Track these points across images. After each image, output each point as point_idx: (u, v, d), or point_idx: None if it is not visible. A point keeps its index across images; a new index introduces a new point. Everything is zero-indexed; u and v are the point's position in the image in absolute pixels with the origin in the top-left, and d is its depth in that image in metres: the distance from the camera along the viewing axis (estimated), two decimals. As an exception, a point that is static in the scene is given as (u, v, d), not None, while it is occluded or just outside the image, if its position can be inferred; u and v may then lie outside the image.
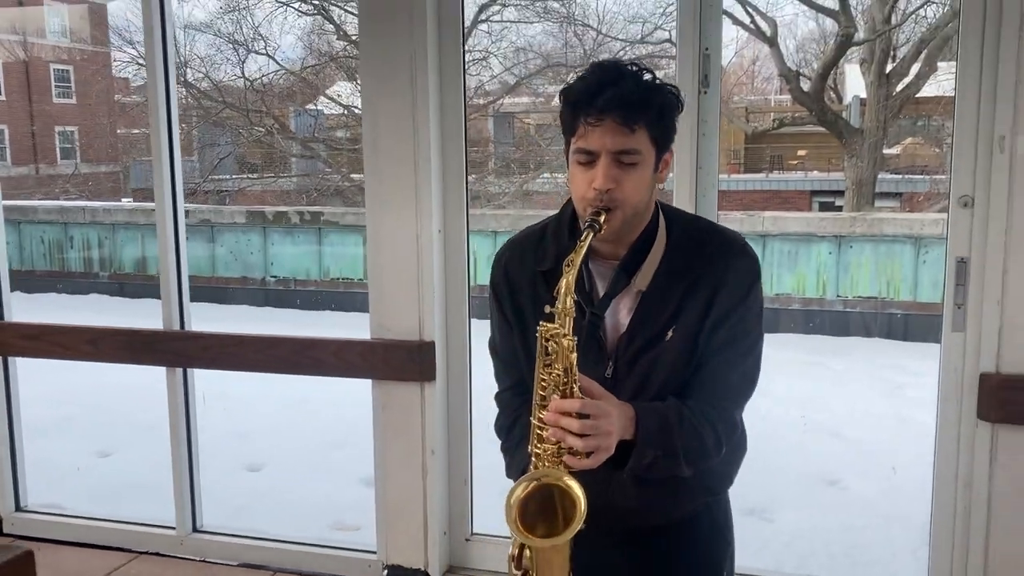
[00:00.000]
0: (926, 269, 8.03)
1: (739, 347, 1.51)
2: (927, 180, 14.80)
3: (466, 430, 3.25)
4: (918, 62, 16.69)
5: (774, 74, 21.29)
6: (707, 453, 1.49)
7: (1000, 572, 2.71)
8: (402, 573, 3.24)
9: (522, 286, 1.59)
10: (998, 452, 2.65)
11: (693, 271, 1.50)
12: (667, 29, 16.67)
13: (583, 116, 1.41)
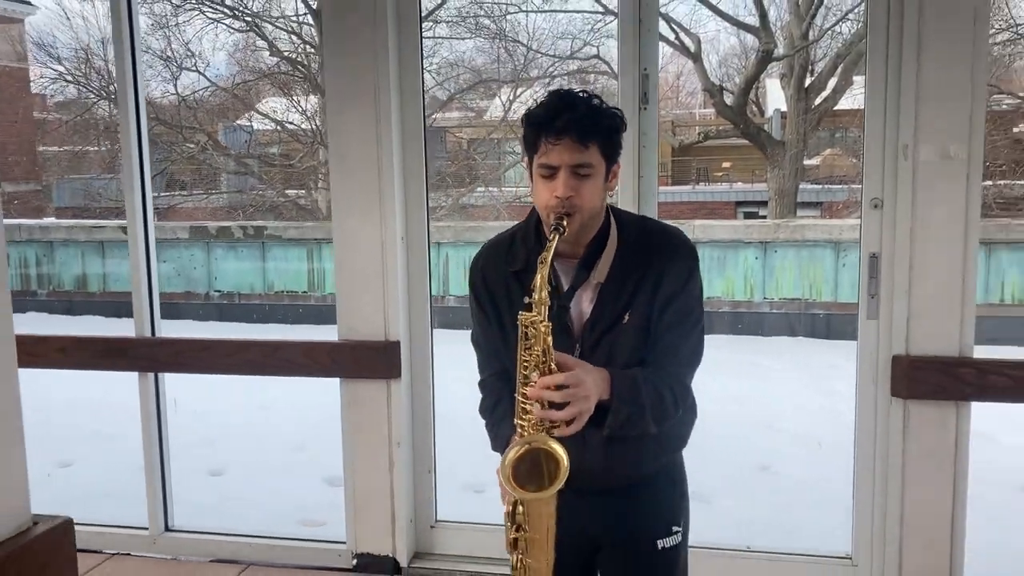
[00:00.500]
0: (846, 271, 8.51)
1: (685, 325, 1.78)
2: (846, 189, 15.42)
3: (429, 423, 3.47)
4: (835, 76, 17.37)
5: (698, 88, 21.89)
6: (667, 411, 1.75)
7: (914, 533, 3.03)
8: (371, 560, 3.43)
9: (497, 286, 1.83)
10: (909, 425, 2.98)
11: (642, 264, 1.76)
12: (595, 45, 17.10)
13: (544, 136, 1.67)
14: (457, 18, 16.32)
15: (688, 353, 1.80)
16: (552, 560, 1.71)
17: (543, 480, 1.63)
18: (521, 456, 1.62)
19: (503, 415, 1.84)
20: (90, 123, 15.34)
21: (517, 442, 1.64)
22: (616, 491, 1.82)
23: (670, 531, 1.87)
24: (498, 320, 1.83)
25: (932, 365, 2.91)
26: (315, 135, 15.19)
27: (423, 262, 3.38)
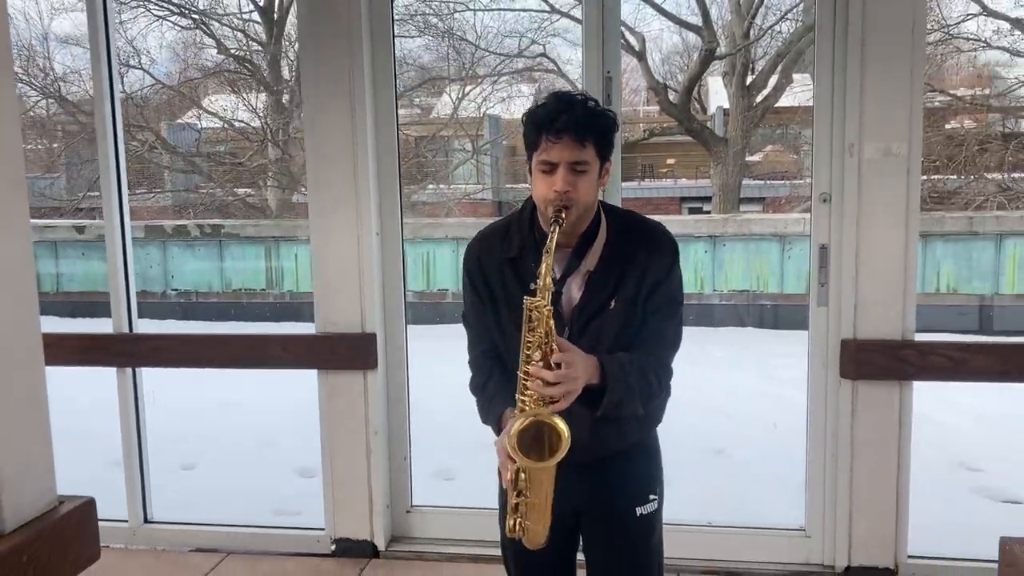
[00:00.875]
0: (791, 264, 8.81)
1: (668, 310, 1.95)
2: (788, 184, 15.81)
3: (405, 412, 3.60)
4: (775, 74, 17.80)
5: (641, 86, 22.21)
6: (652, 393, 1.92)
7: (863, 505, 3.25)
8: (350, 545, 3.56)
9: (492, 271, 1.98)
10: (857, 404, 3.20)
11: (629, 255, 1.92)
12: (541, 44, 17.26)
13: (545, 135, 1.82)
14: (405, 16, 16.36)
15: (671, 337, 1.97)
16: (548, 523, 1.87)
17: (543, 451, 1.78)
18: (526, 427, 1.76)
19: (494, 392, 1.99)
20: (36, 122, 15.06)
21: (522, 415, 1.78)
22: (599, 464, 1.98)
23: (647, 499, 2.04)
24: (491, 302, 1.98)
25: (878, 348, 3.14)
26: (264, 133, 15.13)
27: (397, 256, 3.51)
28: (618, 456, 2.01)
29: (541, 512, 1.85)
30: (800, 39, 16.56)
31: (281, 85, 15.74)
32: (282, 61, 15.76)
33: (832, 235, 3.19)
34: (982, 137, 12.49)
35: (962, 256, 8.74)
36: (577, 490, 1.98)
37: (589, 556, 2.09)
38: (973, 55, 13.80)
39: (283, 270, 9.89)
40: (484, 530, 3.56)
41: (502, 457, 1.86)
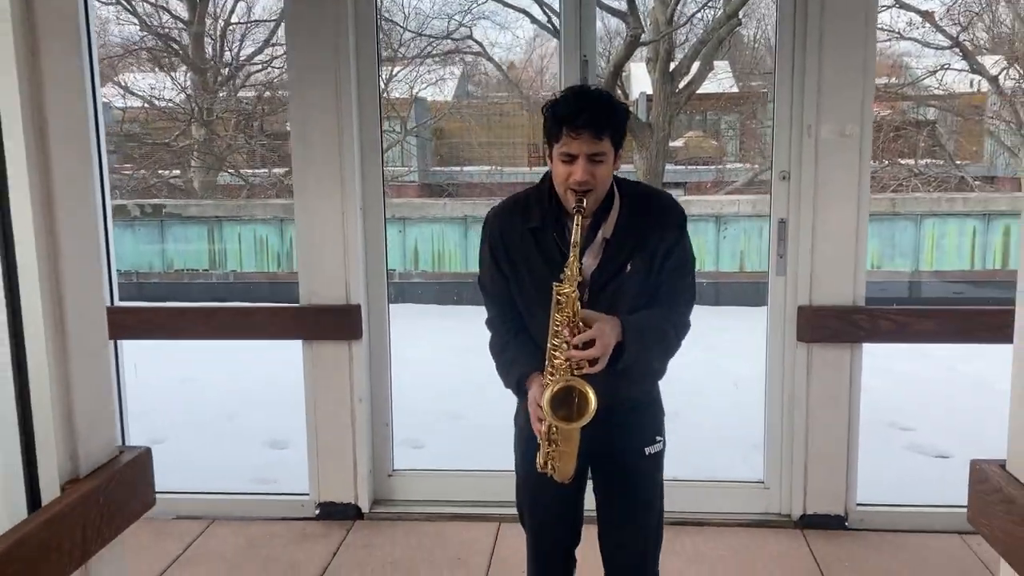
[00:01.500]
0: (726, 244, 9.18)
1: (683, 270, 2.16)
2: (712, 170, 16.26)
3: (387, 380, 3.75)
4: (697, 61, 18.26)
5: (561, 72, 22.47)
6: (670, 347, 2.14)
7: (816, 459, 3.54)
8: (334, 509, 3.70)
9: (515, 241, 2.15)
10: (812, 365, 3.48)
11: (641, 222, 2.12)
12: (468, 26, 17.35)
13: (566, 129, 1.99)
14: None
15: (688, 294, 2.18)
16: (575, 466, 2.08)
17: (572, 409, 1.98)
18: (557, 392, 1.96)
19: (514, 357, 2.18)
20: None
21: (555, 380, 1.98)
22: (612, 412, 2.17)
23: (654, 440, 2.26)
24: (511, 267, 2.16)
25: (831, 313, 3.42)
26: (190, 113, 14.86)
27: (380, 231, 3.64)
28: (629, 403, 2.21)
29: (570, 456, 2.07)
30: (721, 26, 17.02)
31: (205, 64, 15.49)
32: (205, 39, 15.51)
33: (791, 210, 3.45)
34: (896, 124, 13.11)
35: (886, 235, 9.26)
36: (593, 436, 2.17)
37: (600, 494, 2.30)
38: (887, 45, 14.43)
39: (227, 251, 9.81)
40: (461, 491, 3.76)
41: (534, 413, 2.05)
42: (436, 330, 7.55)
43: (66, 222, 1.61)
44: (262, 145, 15.74)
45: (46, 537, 1.60)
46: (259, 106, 15.59)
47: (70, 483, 1.73)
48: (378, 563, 3.33)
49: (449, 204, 10.39)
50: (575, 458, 2.07)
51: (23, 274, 1.59)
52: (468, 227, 9.59)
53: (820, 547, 3.40)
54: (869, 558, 3.32)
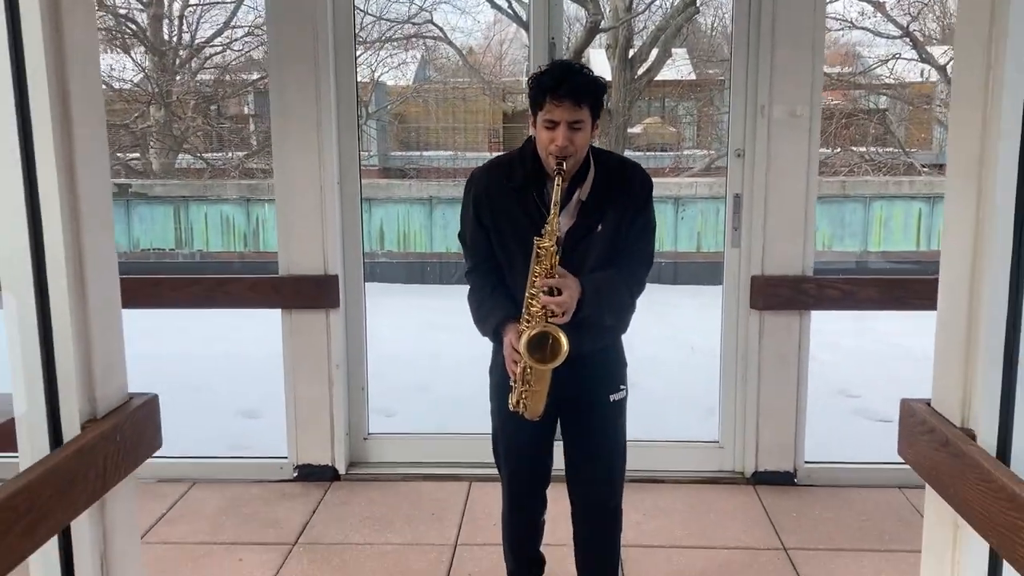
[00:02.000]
0: (684, 224, 9.45)
1: (646, 233, 2.37)
2: (670, 156, 16.53)
3: (363, 346, 3.92)
4: (656, 48, 18.51)
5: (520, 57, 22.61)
6: (625, 304, 2.35)
7: (767, 419, 3.78)
8: (312, 470, 3.86)
9: (498, 198, 2.34)
10: (764, 331, 3.72)
11: (613, 187, 2.32)
12: (429, 11, 17.41)
13: (549, 97, 2.18)
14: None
15: (646, 256, 2.40)
16: (545, 402, 2.29)
17: (546, 353, 2.19)
18: (534, 336, 2.18)
19: (490, 309, 2.37)
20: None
21: (533, 326, 2.19)
22: (580, 361, 2.37)
23: (618, 388, 2.47)
24: (493, 222, 2.35)
25: (782, 282, 3.65)
26: (148, 95, 14.77)
27: (356, 204, 3.80)
28: (594, 354, 2.41)
29: (541, 396, 2.28)
30: (679, 14, 17.28)
31: (164, 45, 15.40)
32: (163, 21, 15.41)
33: (744, 185, 3.68)
34: (848, 112, 13.48)
35: (836, 217, 9.60)
36: (561, 383, 2.37)
37: (567, 436, 2.52)
38: (840, 35, 14.81)
39: (193, 230, 9.84)
40: (433, 453, 3.96)
41: (510, 355, 2.25)
42: (402, 307, 7.71)
43: (85, 184, 1.76)
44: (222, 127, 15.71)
45: (72, 468, 1.76)
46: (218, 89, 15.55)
47: (89, 423, 1.88)
48: (356, 519, 3.50)
49: (415, 185, 10.52)
50: (545, 398, 2.29)
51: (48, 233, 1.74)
52: (433, 207, 9.76)
53: (771, 501, 3.64)
54: (816, 510, 3.57)
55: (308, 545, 3.31)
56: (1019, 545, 1.56)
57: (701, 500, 3.67)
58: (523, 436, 2.46)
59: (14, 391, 1.86)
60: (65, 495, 1.73)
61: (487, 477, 3.74)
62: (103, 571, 1.98)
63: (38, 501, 1.60)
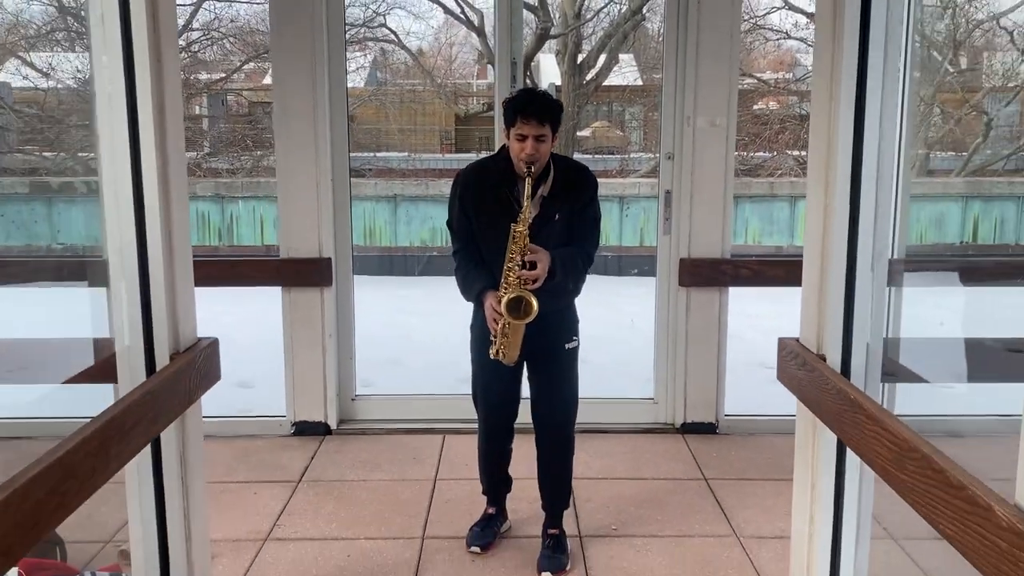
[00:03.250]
0: (628, 221, 10.21)
1: (593, 222, 3.08)
2: (617, 159, 17.27)
3: (351, 319, 4.56)
4: (604, 54, 19.25)
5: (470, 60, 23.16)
6: (580, 274, 3.05)
7: (693, 378, 4.51)
8: (307, 426, 4.49)
9: (478, 192, 3.02)
10: (690, 305, 4.44)
11: (568, 186, 3.01)
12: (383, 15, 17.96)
13: (520, 116, 2.86)
14: (253, -18, 16.53)
15: (594, 238, 3.12)
16: (518, 354, 2.99)
17: (520, 312, 2.88)
18: (512, 300, 2.87)
19: (475, 278, 3.05)
20: None
21: (509, 291, 2.88)
22: (542, 319, 3.04)
23: (571, 339, 3.17)
24: (475, 211, 3.02)
25: (705, 263, 4.38)
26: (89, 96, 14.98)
27: (346, 195, 4.44)
28: (553, 314, 3.10)
29: (516, 345, 2.97)
30: (627, 21, 18.01)
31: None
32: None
33: (674, 183, 4.39)
34: (783, 117, 14.39)
35: (764, 214, 10.45)
36: (527, 335, 3.05)
37: (533, 377, 3.21)
38: (777, 44, 15.74)
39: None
40: (412, 411, 4.61)
41: (491, 315, 2.93)
42: (374, 295, 8.32)
43: (172, 165, 2.39)
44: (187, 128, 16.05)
45: (164, 389, 2.39)
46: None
47: (174, 355, 2.52)
48: (349, 462, 4.15)
49: (380, 184, 11.11)
50: (519, 347, 2.97)
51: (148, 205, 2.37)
52: (397, 205, 10.38)
53: (695, 446, 4.37)
54: (732, 452, 4.30)
55: (311, 482, 3.95)
56: (847, 426, 2.29)
57: (638, 446, 4.38)
58: (496, 380, 3.16)
59: (118, 332, 2.49)
60: (159, 411, 2.35)
61: (459, 430, 4.42)
62: (182, 468, 2.61)
63: (139, 416, 2.21)
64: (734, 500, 3.77)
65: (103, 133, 2.31)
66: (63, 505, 1.77)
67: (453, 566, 3.23)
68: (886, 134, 2.25)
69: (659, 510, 3.69)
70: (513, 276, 2.90)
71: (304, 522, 3.58)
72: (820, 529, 2.55)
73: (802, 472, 2.68)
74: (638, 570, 3.20)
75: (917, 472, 1.77)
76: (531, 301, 2.88)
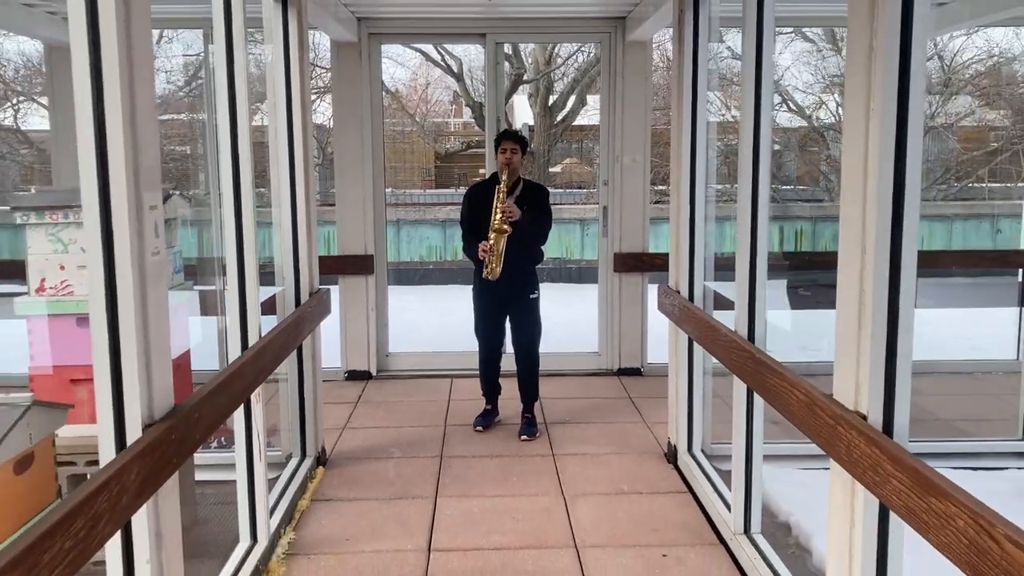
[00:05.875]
0: (589, 239, 12.25)
1: (545, 211, 5.04)
2: (584, 193, 19.19)
3: (386, 298, 6.50)
4: (573, 96, 21.11)
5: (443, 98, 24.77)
6: (537, 235, 5.01)
7: (626, 335, 6.46)
8: (355, 373, 6.40)
9: (478, 197, 5.00)
10: (623, 285, 6.42)
11: (531, 194, 4.98)
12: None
13: (503, 140, 4.89)
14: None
15: (547, 225, 5.06)
16: (501, 266, 4.92)
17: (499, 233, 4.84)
18: (495, 228, 4.84)
19: (472, 244, 5.01)
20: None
21: (493, 238, 4.84)
22: (513, 276, 4.97)
23: (534, 292, 5.13)
24: (478, 203, 4.98)
25: (631, 256, 6.36)
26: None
27: (382, 207, 6.40)
28: (521, 273, 5.04)
29: (498, 261, 4.91)
30: (593, 67, 19.88)
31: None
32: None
33: (610, 201, 6.38)
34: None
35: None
36: (505, 287, 4.99)
37: (511, 317, 5.17)
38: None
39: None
40: (430, 363, 6.53)
41: (483, 247, 4.89)
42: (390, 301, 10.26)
43: (311, 203, 4.35)
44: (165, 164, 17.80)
45: (309, 312, 4.30)
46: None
47: (311, 294, 4.43)
48: (389, 393, 6.07)
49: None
50: (501, 264, 4.90)
51: (299, 218, 4.31)
52: (400, 228, 12.36)
53: (627, 383, 6.31)
54: (651, 386, 6.23)
55: (364, 402, 5.87)
56: (687, 324, 4.23)
57: (587, 384, 6.32)
58: (489, 322, 5.14)
59: (279, 282, 4.38)
60: (308, 324, 4.26)
61: (462, 375, 6.33)
62: (312, 362, 4.50)
63: (300, 324, 4.11)
64: (646, 407, 5.71)
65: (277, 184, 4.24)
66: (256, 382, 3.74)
67: (466, 437, 5.15)
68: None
69: (597, 412, 5.63)
70: (496, 218, 4.82)
71: (366, 420, 5.49)
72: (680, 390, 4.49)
73: (671, 357, 4.63)
74: (582, 437, 5.13)
75: (702, 329, 3.77)
76: (505, 228, 4.82)
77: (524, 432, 5.11)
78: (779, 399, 2.85)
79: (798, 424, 2.69)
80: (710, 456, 4.59)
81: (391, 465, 4.70)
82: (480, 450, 4.94)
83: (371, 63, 6.21)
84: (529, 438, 5.07)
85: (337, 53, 6.16)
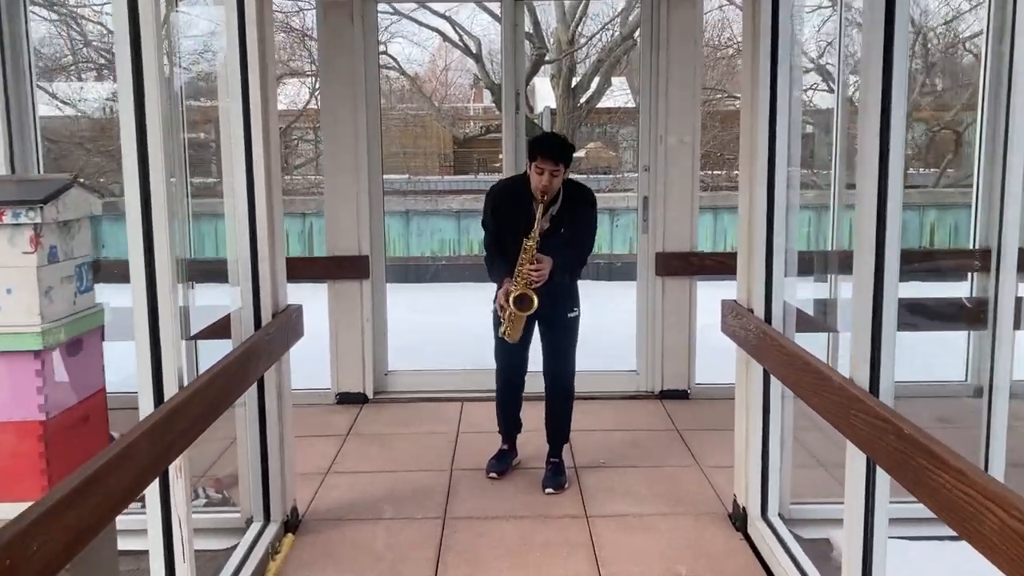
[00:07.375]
0: (619, 231, 11.17)
1: (589, 231, 4.00)
2: (610, 178, 18.19)
3: (384, 306, 5.48)
4: (597, 78, 20.19)
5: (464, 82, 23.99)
6: (576, 272, 3.98)
7: (669, 353, 5.42)
8: (348, 396, 5.40)
9: (504, 204, 3.95)
10: (666, 291, 5.37)
11: (572, 204, 3.92)
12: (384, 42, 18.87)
13: (539, 153, 3.77)
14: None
15: (589, 244, 4.04)
16: (521, 332, 3.93)
17: (523, 305, 3.81)
18: (518, 295, 3.79)
19: (498, 269, 3.96)
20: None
21: (515, 289, 3.80)
22: (551, 291, 3.91)
23: (573, 309, 4.08)
24: (502, 217, 3.94)
25: (677, 256, 5.31)
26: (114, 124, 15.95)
27: (379, 204, 5.38)
28: (560, 287, 3.98)
29: (518, 329, 3.91)
30: (618, 47, 18.94)
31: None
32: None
33: (650, 190, 5.33)
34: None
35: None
36: (540, 304, 3.95)
37: (543, 340, 4.13)
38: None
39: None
40: (435, 384, 5.51)
41: (501, 302, 3.87)
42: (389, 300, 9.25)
43: (276, 208, 3.32)
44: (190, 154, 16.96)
45: (268, 340, 3.31)
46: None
47: (275, 315, 3.43)
48: (386, 422, 5.07)
49: (393, 199, 12.06)
50: (520, 330, 3.92)
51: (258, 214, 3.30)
52: (410, 219, 11.34)
53: (671, 408, 5.28)
54: (701, 413, 5.21)
55: (356, 435, 4.87)
56: (766, 357, 3.20)
57: (625, 409, 5.29)
58: (510, 349, 4.07)
59: (233, 300, 3.39)
60: (266, 357, 3.27)
61: (474, 399, 5.32)
62: (279, 401, 3.52)
63: (251, 361, 3.11)
64: (698, 443, 4.68)
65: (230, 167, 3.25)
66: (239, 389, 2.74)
67: (477, 487, 4.13)
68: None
69: (639, 450, 4.60)
70: (522, 278, 3.81)
71: (355, 461, 4.49)
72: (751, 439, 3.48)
73: (740, 394, 3.62)
74: (622, 488, 4.11)
75: (797, 369, 2.73)
76: (533, 298, 3.80)
77: (550, 483, 4.09)
78: (960, 517, 1.79)
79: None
80: (788, 520, 3.57)
81: (381, 530, 3.70)
82: (494, 508, 3.92)
83: (365, 26, 5.18)
84: (556, 490, 4.06)
85: (324, 15, 5.14)
